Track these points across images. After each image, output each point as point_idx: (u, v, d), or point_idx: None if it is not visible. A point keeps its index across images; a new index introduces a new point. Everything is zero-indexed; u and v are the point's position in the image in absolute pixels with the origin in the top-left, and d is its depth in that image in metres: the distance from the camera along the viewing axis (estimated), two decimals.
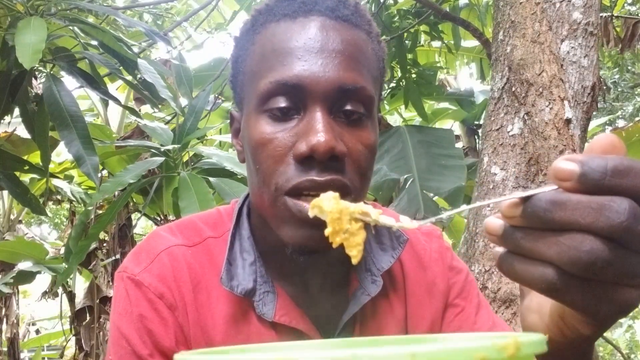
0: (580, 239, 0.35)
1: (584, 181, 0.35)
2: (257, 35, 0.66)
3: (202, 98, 2.97)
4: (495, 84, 2.09)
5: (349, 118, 0.63)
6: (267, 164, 0.62)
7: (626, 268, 0.35)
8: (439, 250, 0.79)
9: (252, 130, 0.64)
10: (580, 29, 2.09)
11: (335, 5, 0.64)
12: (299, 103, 0.62)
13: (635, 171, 0.34)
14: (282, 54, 0.62)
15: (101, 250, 3.86)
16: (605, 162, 0.34)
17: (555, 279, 0.36)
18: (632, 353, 9.28)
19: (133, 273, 0.68)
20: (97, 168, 2.21)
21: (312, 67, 0.60)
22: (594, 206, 0.34)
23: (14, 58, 1.95)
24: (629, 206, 0.34)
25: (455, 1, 3.98)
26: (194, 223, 0.74)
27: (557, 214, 0.35)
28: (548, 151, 1.88)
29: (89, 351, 3.78)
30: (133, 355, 0.65)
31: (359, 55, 0.63)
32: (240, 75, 0.69)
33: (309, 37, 0.62)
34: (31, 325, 8.26)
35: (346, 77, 0.61)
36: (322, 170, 0.59)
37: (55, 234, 8.21)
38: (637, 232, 0.34)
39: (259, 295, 0.67)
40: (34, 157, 3.37)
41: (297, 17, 0.63)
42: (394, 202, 3.05)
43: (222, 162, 2.59)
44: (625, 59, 6.13)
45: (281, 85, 0.61)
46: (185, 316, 0.66)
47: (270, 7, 0.66)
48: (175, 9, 5.52)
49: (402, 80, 3.89)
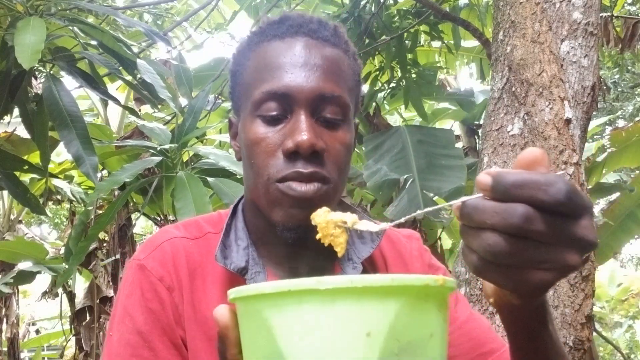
0: (489, 235, 0.46)
1: (495, 191, 0.46)
2: (252, 53, 0.79)
3: (201, 98, 2.97)
4: (495, 84, 2.09)
5: (327, 121, 0.75)
6: (260, 158, 0.75)
7: (527, 256, 0.45)
8: (419, 250, 0.90)
9: (247, 131, 0.76)
10: (580, 29, 2.09)
11: (317, 28, 0.78)
12: (286, 108, 0.74)
13: (530, 185, 0.44)
14: (272, 68, 0.75)
15: (101, 250, 3.86)
16: (509, 177, 0.45)
17: (479, 264, 0.47)
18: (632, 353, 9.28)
19: (139, 259, 0.79)
20: (97, 168, 2.21)
21: (297, 78, 0.74)
22: (497, 210, 0.45)
23: (14, 58, 1.95)
24: (523, 211, 0.44)
25: (455, 1, 3.98)
26: (197, 221, 0.86)
27: (475, 216, 0.46)
28: (548, 151, 1.87)
29: (89, 351, 3.77)
30: (134, 332, 0.74)
31: (336, 69, 0.76)
32: (238, 87, 0.82)
33: (295, 54, 0.75)
34: (31, 325, 8.26)
35: (325, 87, 0.74)
36: (306, 164, 0.72)
37: (55, 234, 8.21)
38: (530, 230, 0.44)
39: (250, 274, 0.77)
40: (34, 157, 3.37)
41: (285, 38, 0.77)
42: (394, 202, 3.04)
43: (220, 161, 2.58)
44: (625, 59, 6.13)
45: (272, 94, 0.74)
46: (180, 297, 0.76)
47: (263, 29, 0.80)
48: (175, 9, 5.52)
49: (402, 80, 3.89)
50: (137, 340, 0.74)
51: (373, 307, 0.42)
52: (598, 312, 9.87)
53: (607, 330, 9.87)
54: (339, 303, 0.42)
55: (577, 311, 1.80)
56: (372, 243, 0.83)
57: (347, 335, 0.42)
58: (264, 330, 0.44)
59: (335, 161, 0.75)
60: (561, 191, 0.44)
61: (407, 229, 0.94)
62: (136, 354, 0.73)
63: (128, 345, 0.74)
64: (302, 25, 0.77)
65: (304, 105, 0.73)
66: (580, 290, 1.81)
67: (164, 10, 4.61)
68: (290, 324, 0.43)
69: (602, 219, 3.85)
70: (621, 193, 4.02)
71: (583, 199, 0.46)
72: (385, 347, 0.42)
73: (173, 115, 3.39)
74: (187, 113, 2.88)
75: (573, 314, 1.80)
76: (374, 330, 0.42)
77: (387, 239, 0.88)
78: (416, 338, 0.43)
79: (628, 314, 10.33)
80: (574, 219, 0.46)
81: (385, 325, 0.42)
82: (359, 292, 0.42)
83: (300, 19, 0.79)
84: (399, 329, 0.42)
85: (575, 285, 1.81)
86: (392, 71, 3.92)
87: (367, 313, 0.42)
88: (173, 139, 2.83)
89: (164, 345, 0.74)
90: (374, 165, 3.30)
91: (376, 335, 0.42)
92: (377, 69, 3.96)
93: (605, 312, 10.42)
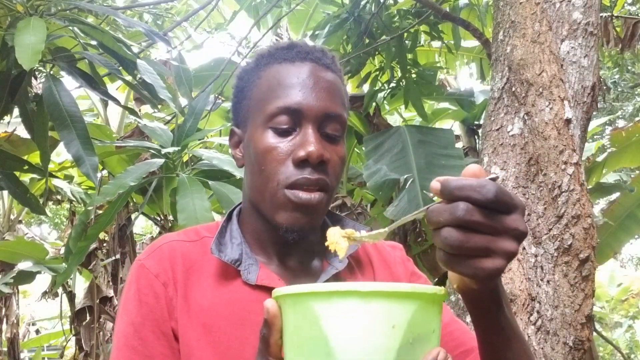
0: (445, 230, 0.58)
1: (443, 194, 0.58)
2: (262, 72, 0.89)
3: (202, 99, 2.97)
4: (495, 84, 2.09)
5: (329, 136, 0.86)
6: (271, 165, 0.84)
7: (475, 245, 0.57)
8: (402, 258, 1.00)
9: (259, 140, 0.86)
10: (580, 29, 2.09)
11: (320, 56, 0.90)
12: (296, 122, 0.85)
13: (467, 187, 0.57)
14: (286, 87, 0.86)
15: (101, 251, 3.86)
16: (452, 182, 0.58)
17: (444, 258, 0.59)
18: (632, 353, 9.28)
19: (139, 259, 0.88)
20: (97, 168, 2.21)
21: (308, 97, 0.85)
22: (446, 209, 0.58)
23: (14, 58, 1.95)
24: (464, 206, 0.57)
25: (455, 1, 3.98)
26: (195, 228, 0.95)
27: (433, 217, 0.59)
28: (548, 151, 1.87)
29: (89, 351, 3.78)
30: (129, 324, 0.83)
31: (337, 92, 0.88)
32: (246, 101, 0.91)
33: (305, 77, 0.86)
34: (31, 325, 8.27)
35: (331, 106, 0.86)
36: (313, 171, 0.83)
37: (55, 234, 8.22)
38: (472, 221, 0.57)
39: (244, 266, 0.86)
40: (34, 157, 3.37)
41: (295, 62, 0.88)
42: (394, 202, 3.05)
43: (223, 165, 2.59)
44: (625, 59, 6.13)
45: (285, 109, 0.84)
46: (175, 291, 0.85)
47: (272, 53, 0.90)
48: (175, 9, 5.52)
49: (402, 80, 3.89)
50: (130, 331, 0.83)
51: (398, 306, 0.57)
52: (598, 312, 9.87)
53: (607, 330, 9.88)
54: (373, 302, 0.56)
55: (577, 311, 1.80)
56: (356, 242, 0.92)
57: (377, 326, 0.56)
58: (311, 319, 0.57)
59: (334, 172, 0.86)
60: (490, 191, 0.57)
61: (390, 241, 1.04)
62: (128, 343, 0.82)
63: (122, 337, 0.83)
64: (309, 52, 0.89)
65: (313, 121, 0.84)
66: (580, 290, 1.81)
67: (164, 10, 4.60)
68: (334, 315, 0.56)
69: (602, 219, 3.85)
70: (621, 193, 4.02)
71: (512, 197, 0.59)
72: (404, 337, 0.56)
73: (173, 115, 3.39)
74: (187, 114, 2.88)
75: (573, 314, 1.80)
76: (397, 323, 0.56)
77: (373, 246, 0.99)
78: (424, 332, 0.58)
79: (628, 314, 10.34)
80: (506, 213, 0.58)
81: (405, 320, 0.56)
82: (388, 295, 0.57)
83: (306, 47, 0.91)
84: (413, 324, 0.57)
85: (575, 285, 1.81)
86: (392, 71, 3.92)
87: (393, 311, 0.56)
88: (174, 140, 2.83)
89: (155, 336, 0.82)
90: (374, 165, 3.30)
91: (398, 328, 0.56)
92: (377, 69, 3.96)
93: (605, 312, 10.42)
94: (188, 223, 2.23)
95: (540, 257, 1.85)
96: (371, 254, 0.98)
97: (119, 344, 0.83)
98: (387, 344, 0.56)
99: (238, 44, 4.64)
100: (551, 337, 1.79)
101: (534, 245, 1.86)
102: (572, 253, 1.81)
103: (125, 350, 0.82)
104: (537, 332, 1.78)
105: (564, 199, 1.83)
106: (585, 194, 1.86)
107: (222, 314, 0.82)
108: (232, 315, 0.82)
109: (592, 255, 1.83)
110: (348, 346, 0.56)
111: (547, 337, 1.79)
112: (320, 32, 3.83)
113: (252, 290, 0.85)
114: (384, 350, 0.56)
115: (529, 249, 1.86)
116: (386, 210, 3.04)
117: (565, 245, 1.82)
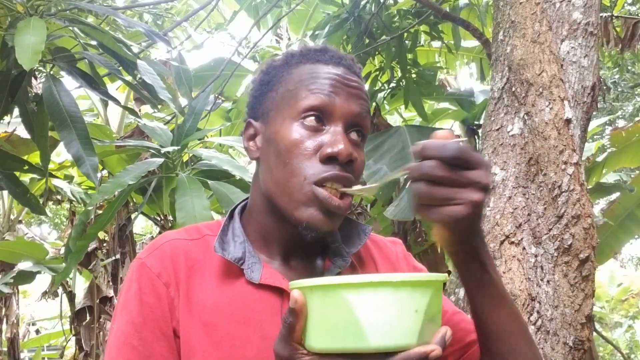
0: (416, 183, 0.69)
1: (417, 155, 0.69)
2: (294, 69, 0.90)
3: (202, 99, 2.97)
4: (495, 84, 2.09)
5: (352, 140, 0.88)
6: (298, 159, 0.84)
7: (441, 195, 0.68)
8: (403, 253, 1.03)
9: (286, 133, 0.86)
10: (580, 29, 2.09)
11: (350, 64, 0.92)
12: (325, 119, 0.86)
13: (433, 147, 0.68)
14: (321, 85, 0.87)
15: (101, 250, 3.86)
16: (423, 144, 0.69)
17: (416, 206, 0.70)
18: (632, 353, 9.28)
19: (141, 257, 0.87)
20: (97, 168, 2.21)
21: (341, 99, 0.87)
22: (417, 166, 0.68)
23: (14, 58, 1.95)
24: (430, 163, 0.67)
25: (455, 1, 3.98)
26: (197, 226, 0.95)
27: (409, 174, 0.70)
28: (548, 151, 1.87)
29: (89, 351, 3.78)
30: (129, 323, 0.83)
31: (365, 100, 0.91)
32: (272, 93, 0.91)
33: (339, 79, 0.88)
34: (31, 325, 8.27)
35: (360, 112, 0.88)
36: (342, 169, 0.84)
37: (55, 234, 8.21)
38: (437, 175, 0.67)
39: (248, 264, 0.86)
40: (34, 157, 3.37)
41: (329, 64, 0.89)
42: (394, 202, 3.05)
43: (222, 165, 2.59)
44: (625, 59, 6.13)
45: (317, 107, 0.86)
46: (177, 291, 0.84)
47: (304, 53, 0.92)
48: (175, 9, 5.52)
49: (402, 80, 3.88)
50: (129, 330, 0.83)
51: (420, 293, 0.66)
52: (598, 312, 9.87)
53: (607, 330, 9.88)
54: (401, 290, 0.65)
55: (577, 311, 1.80)
56: (359, 240, 0.95)
57: (404, 311, 0.65)
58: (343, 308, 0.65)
59: (357, 171, 0.88)
60: (452, 150, 0.67)
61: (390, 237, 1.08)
62: (128, 342, 0.82)
63: (122, 335, 0.83)
64: (342, 58, 0.92)
65: (342, 120, 0.86)
66: (580, 290, 1.81)
67: (164, 10, 4.60)
68: (366, 302, 0.64)
69: (602, 219, 3.85)
70: (621, 193, 4.02)
71: (473, 155, 0.68)
72: (423, 319, 0.65)
73: (173, 115, 3.39)
74: (187, 114, 2.88)
75: (573, 314, 1.80)
76: (419, 308, 0.65)
77: (374, 243, 1.01)
78: (435, 313, 0.68)
79: (628, 314, 10.34)
80: (469, 168, 0.68)
81: (424, 304, 0.66)
82: (413, 284, 0.66)
83: (338, 52, 0.93)
84: (429, 308, 0.66)
85: (575, 285, 1.81)
86: (392, 71, 3.92)
87: (417, 297, 0.66)
88: (173, 139, 2.83)
89: (154, 336, 0.82)
90: (374, 165, 3.30)
91: (420, 312, 0.65)
92: (377, 69, 3.96)
93: (605, 312, 10.42)
94: (186, 221, 2.23)
95: (540, 257, 1.85)
96: (373, 252, 0.99)
97: (118, 342, 0.82)
98: (412, 326, 0.65)
99: (238, 44, 4.64)
100: (551, 337, 1.79)
101: (534, 245, 1.86)
102: (572, 253, 1.81)
103: (125, 349, 0.82)
104: (537, 332, 1.78)
105: (564, 199, 1.83)
106: (585, 194, 1.86)
107: (225, 313, 0.82)
108: (235, 314, 0.82)
109: (592, 255, 1.83)
110: (379, 330, 0.64)
111: (547, 337, 1.79)
112: (320, 32, 3.83)
113: (255, 289, 0.85)
114: (409, 332, 0.65)
115: (529, 249, 1.86)
116: (386, 210, 3.04)
117: (565, 245, 1.81)
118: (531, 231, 1.87)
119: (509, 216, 1.88)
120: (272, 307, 0.83)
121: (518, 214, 1.88)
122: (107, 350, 0.84)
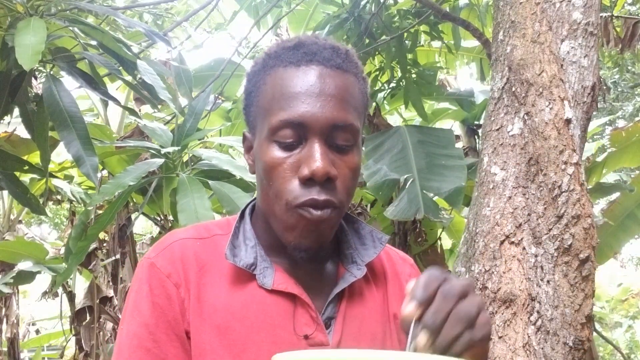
0: None
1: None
2: (268, 77, 0.83)
3: (202, 99, 2.97)
4: (495, 84, 2.09)
5: (339, 147, 0.81)
6: (278, 182, 0.80)
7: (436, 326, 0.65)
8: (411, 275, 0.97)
9: (264, 154, 0.81)
10: (580, 29, 2.09)
11: (330, 56, 0.82)
12: (301, 135, 0.80)
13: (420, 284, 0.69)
14: (289, 98, 0.80)
15: (101, 251, 3.86)
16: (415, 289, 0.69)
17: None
18: (632, 353, 9.27)
19: (149, 257, 0.85)
20: (97, 169, 2.21)
21: (312, 108, 0.79)
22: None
23: (14, 58, 1.95)
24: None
25: (455, 1, 3.98)
26: (205, 224, 0.92)
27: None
28: (548, 151, 1.87)
29: (89, 351, 3.78)
30: (142, 325, 0.81)
31: (348, 97, 0.82)
32: (253, 107, 0.86)
33: (310, 84, 0.80)
34: (31, 325, 8.26)
35: (338, 116, 0.80)
36: (320, 191, 0.79)
37: (55, 234, 8.21)
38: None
39: (259, 269, 0.83)
40: (34, 157, 3.37)
41: (300, 65, 0.81)
42: (394, 202, 3.04)
43: (223, 165, 2.59)
44: (625, 59, 6.13)
45: (288, 123, 0.79)
46: (187, 292, 0.82)
47: (278, 54, 0.84)
48: (175, 9, 5.52)
49: (402, 80, 3.89)
50: (143, 332, 0.80)
51: None
52: (598, 312, 9.86)
53: (607, 330, 9.87)
54: None
55: (577, 311, 1.80)
56: (374, 249, 0.91)
57: None
58: None
59: (344, 186, 0.82)
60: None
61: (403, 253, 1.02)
62: (142, 345, 0.80)
63: (135, 338, 0.81)
64: (316, 52, 0.82)
65: (318, 133, 0.79)
66: (580, 290, 1.81)
67: (164, 10, 4.60)
68: None
69: (602, 219, 3.85)
70: (621, 193, 4.02)
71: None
72: None
73: (173, 116, 3.39)
74: (187, 114, 2.88)
75: (573, 314, 1.80)
76: None
77: (387, 255, 0.97)
78: None
79: (628, 314, 10.33)
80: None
81: None
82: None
83: (314, 46, 0.83)
84: None
85: (575, 285, 1.81)
86: (392, 71, 3.92)
87: None
88: (174, 140, 2.83)
89: (168, 338, 0.80)
90: (374, 165, 3.30)
91: None
92: (377, 69, 3.96)
93: (605, 312, 10.42)
94: (189, 223, 2.23)
95: (540, 257, 1.85)
96: (385, 265, 0.96)
97: (131, 345, 0.81)
98: None
99: (238, 44, 4.64)
100: (551, 337, 1.79)
101: (534, 245, 1.86)
102: (572, 253, 1.81)
103: (139, 352, 0.80)
104: (537, 332, 1.78)
105: (564, 199, 1.83)
106: (585, 194, 1.86)
107: (237, 316, 0.81)
108: (248, 318, 0.81)
109: (592, 255, 1.83)
110: None
111: (547, 337, 1.79)
112: (320, 32, 3.83)
113: (268, 293, 0.83)
114: None
115: (529, 249, 1.86)
116: (386, 210, 3.04)
117: (565, 245, 1.81)
118: (531, 231, 1.87)
119: (509, 216, 1.88)
120: (284, 312, 0.82)
121: (518, 214, 1.88)
122: (117, 352, 0.83)
